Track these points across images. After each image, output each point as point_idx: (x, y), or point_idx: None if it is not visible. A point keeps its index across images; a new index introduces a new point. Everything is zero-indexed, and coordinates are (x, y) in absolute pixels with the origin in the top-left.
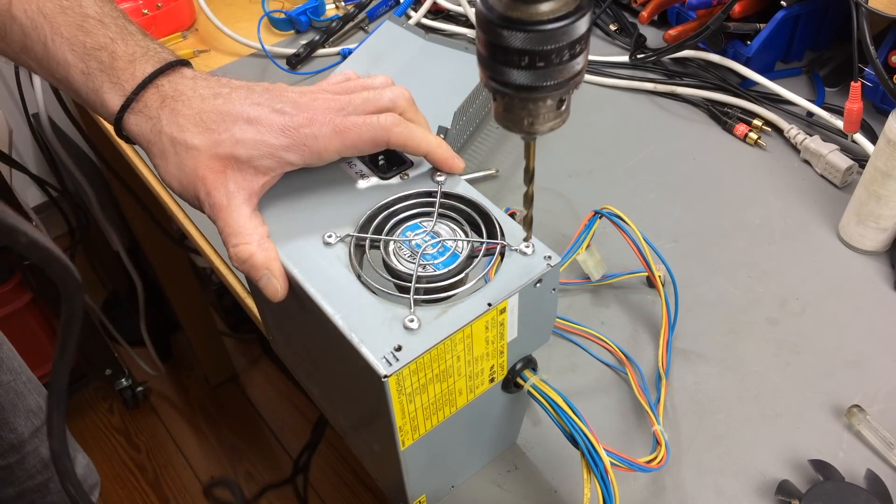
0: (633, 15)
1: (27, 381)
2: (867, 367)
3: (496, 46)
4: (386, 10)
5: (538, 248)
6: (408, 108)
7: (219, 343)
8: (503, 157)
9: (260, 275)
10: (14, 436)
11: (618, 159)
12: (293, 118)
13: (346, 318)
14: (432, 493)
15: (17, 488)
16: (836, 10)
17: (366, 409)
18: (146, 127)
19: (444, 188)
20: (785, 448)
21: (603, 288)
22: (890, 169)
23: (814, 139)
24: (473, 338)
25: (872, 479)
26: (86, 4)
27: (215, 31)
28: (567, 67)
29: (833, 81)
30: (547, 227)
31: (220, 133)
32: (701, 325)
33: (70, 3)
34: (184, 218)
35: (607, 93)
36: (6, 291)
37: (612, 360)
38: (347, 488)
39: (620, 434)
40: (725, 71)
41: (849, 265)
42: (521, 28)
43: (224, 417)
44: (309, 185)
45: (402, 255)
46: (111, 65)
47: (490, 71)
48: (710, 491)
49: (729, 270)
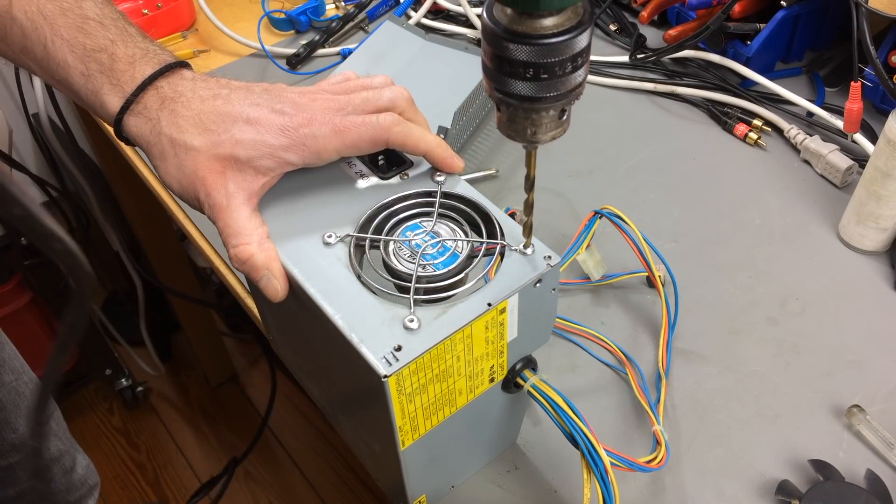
0: (633, 15)
1: (29, 382)
2: (867, 367)
3: (502, 59)
4: (386, 10)
5: (538, 249)
6: (407, 107)
7: (219, 343)
8: (503, 157)
9: (260, 275)
10: (16, 436)
11: (618, 159)
12: (292, 118)
13: (346, 318)
14: (432, 493)
15: (18, 488)
16: (836, 10)
17: (366, 409)
18: (146, 128)
19: (443, 188)
20: (785, 448)
21: (603, 288)
22: (890, 169)
23: (814, 139)
24: (473, 338)
25: (872, 479)
26: (86, 6)
27: (215, 31)
28: (569, 79)
29: (833, 81)
30: (547, 227)
31: (219, 134)
32: (701, 325)
33: (70, 4)
34: (184, 218)
35: (607, 93)
36: (6, 291)
37: (612, 360)
38: (347, 488)
39: (620, 434)
40: (725, 71)
41: (849, 265)
42: (525, 41)
43: (224, 417)
44: (309, 185)
45: (402, 255)
46: (111, 66)
47: (495, 82)
48: (710, 491)
49: (729, 270)
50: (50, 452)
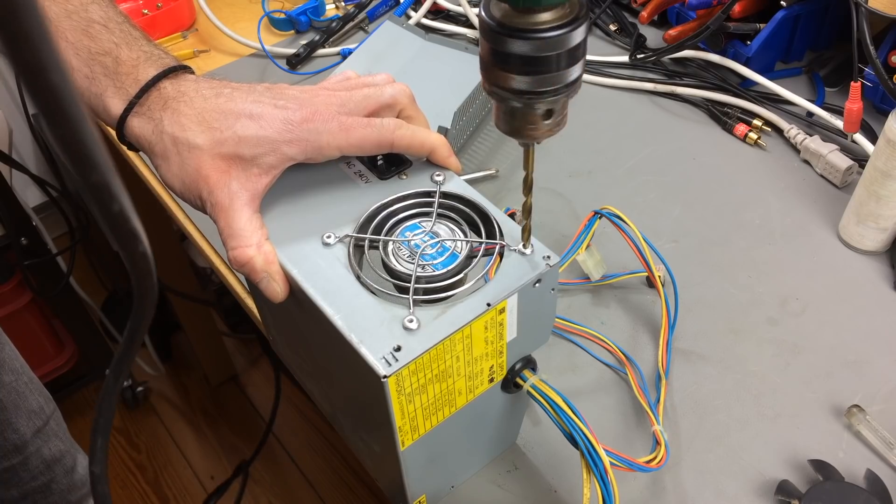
0: (633, 15)
1: (28, 382)
2: (867, 367)
3: (498, 52)
4: (386, 10)
5: (537, 248)
6: (408, 104)
7: (219, 343)
8: (503, 157)
9: (259, 277)
10: (17, 436)
11: (618, 159)
12: (295, 112)
13: (346, 318)
14: (432, 493)
15: (21, 490)
16: (836, 10)
17: (365, 409)
18: (148, 128)
19: (442, 188)
20: (785, 448)
21: (603, 288)
22: (890, 169)
23: (814, 139)
24: (473, 338)
25: (872, 479)
26: (91, 9)
27: (215, 31)
28: (565, 74)
29: (833, 81)
30: (547, 227)
31: (222, 131)
32: (701, 325)
33: (75, 7)
34: (184, 218)
35: (607, 93)
36: (6, 291)
37: (612, 360)
38: (347, 488)
39: (620, 434)
40: (725, 71)
41: (849, 265)
42: (521, 35)
43: (224, 417)
44: (308, 185)
45: (401, 255)
46: (115, 70)
47: (492, 76)
48: (710, 491)
49: (729, 270)
50: (51, 453)
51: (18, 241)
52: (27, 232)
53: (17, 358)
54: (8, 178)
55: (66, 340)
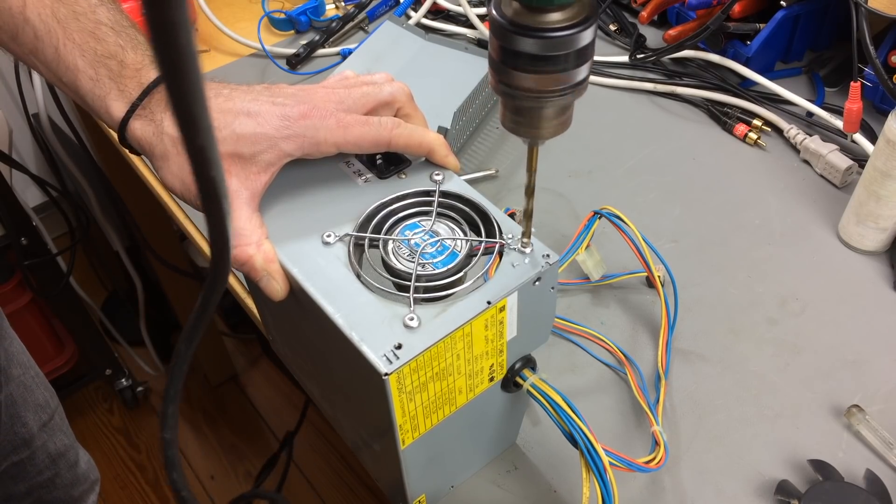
0: (633, 15)
1: (35, 376)
2: (867, 367)
3: (507, 51)
4: (386, 10)
5: (537, 247)
6: (407, 102)
7: (219, 343)
8: (503, 157)
9: (259, 276)
10: (25, 430)
11: (618, 159)
12: (292, 108)
13: (346, 316)
14: (432, 492)
15: (27, 484)
16: (836, 10)
17: (366, 408)
18: (149, 130)
19: (442, 187)
20: (784, 448)
21: (602, 288)
22: (889, 169)
23: (813, 139)
24: (473, 336)
25: (872, 479)
26: (100, 12)
27: (215, 31)
28: (573, 74)
29: (833, 81)
30: (547, 227)
31: (220, 130)
32: (701, 325)
33: (84, 9)
34: (184, 218)
35: (607, 93)
36: (6, 291)
37: (612, 360)
38: (347, 488)
39: (620, 434)
40: (725, 71)
41: (848, 265)
42: (532, 34)
43: (224, 417)
44: (307, 184)
45: (402, 254)
46: (119, 73)
47: (500, 74)
48: (710, 491)
49: (729, 270)
50: (56, 447)
51: (18, 241)
52: (27, 232)
53: (24, 352)
54: (8, 178)
55: (66, 340)
